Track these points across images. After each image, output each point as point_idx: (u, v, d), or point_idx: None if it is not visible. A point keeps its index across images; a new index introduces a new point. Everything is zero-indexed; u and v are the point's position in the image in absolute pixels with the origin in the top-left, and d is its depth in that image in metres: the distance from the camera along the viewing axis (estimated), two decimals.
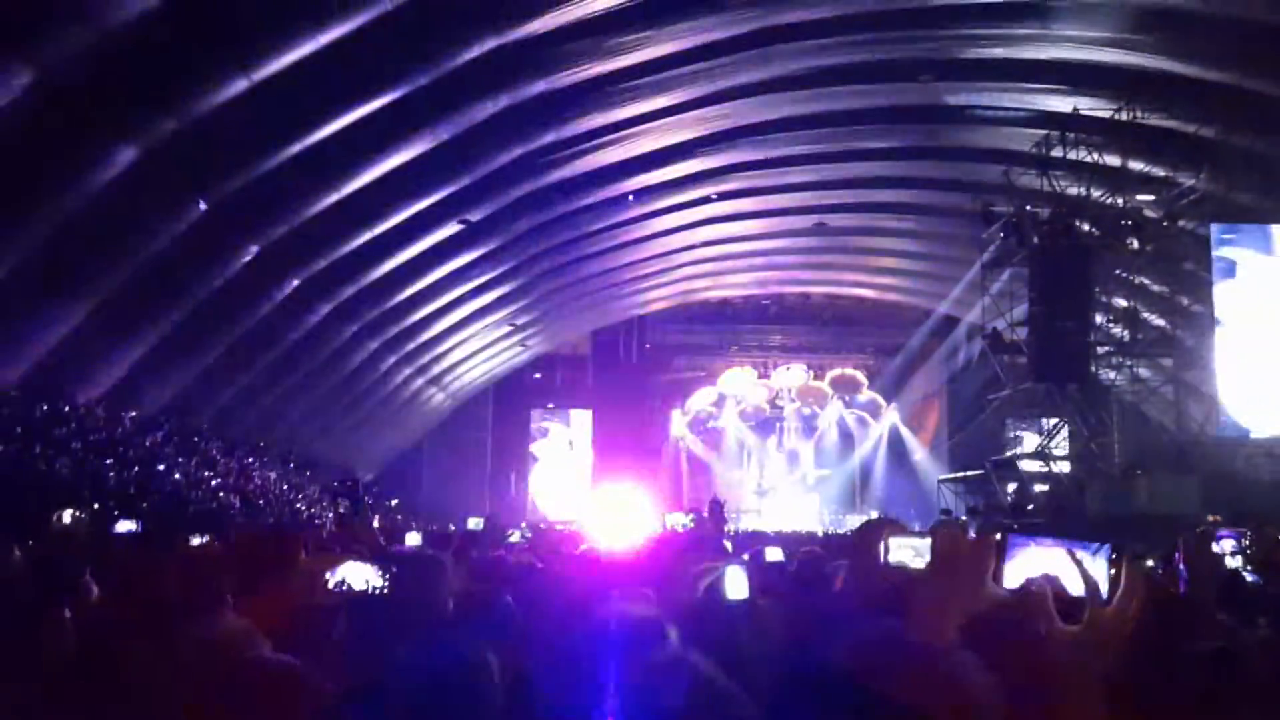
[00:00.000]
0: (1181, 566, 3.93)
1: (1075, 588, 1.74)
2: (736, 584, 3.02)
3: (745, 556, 4.61)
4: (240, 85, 12.29)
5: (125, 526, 6.83)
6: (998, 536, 1.95)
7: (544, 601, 3.05)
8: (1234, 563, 5.03)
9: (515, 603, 3.27)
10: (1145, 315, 18.59)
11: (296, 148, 13.91)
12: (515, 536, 12.25)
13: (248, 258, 15.69)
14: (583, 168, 18.34)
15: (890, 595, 2.62)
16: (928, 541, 2.65)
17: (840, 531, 23.02)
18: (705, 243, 24.59)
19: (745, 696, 1.85)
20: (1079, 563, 1.72)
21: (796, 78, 16.75)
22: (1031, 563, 1.83)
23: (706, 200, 21.51)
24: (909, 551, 2.62)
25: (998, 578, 1.87)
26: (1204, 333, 17.74)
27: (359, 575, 2.76)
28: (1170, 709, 2.17)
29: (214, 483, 17.60)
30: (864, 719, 1.59)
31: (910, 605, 1.96)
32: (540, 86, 15.29)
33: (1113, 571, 1.78)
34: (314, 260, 17.05)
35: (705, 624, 2.85)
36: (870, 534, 2.80)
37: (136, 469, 15.24)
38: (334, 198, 15.48)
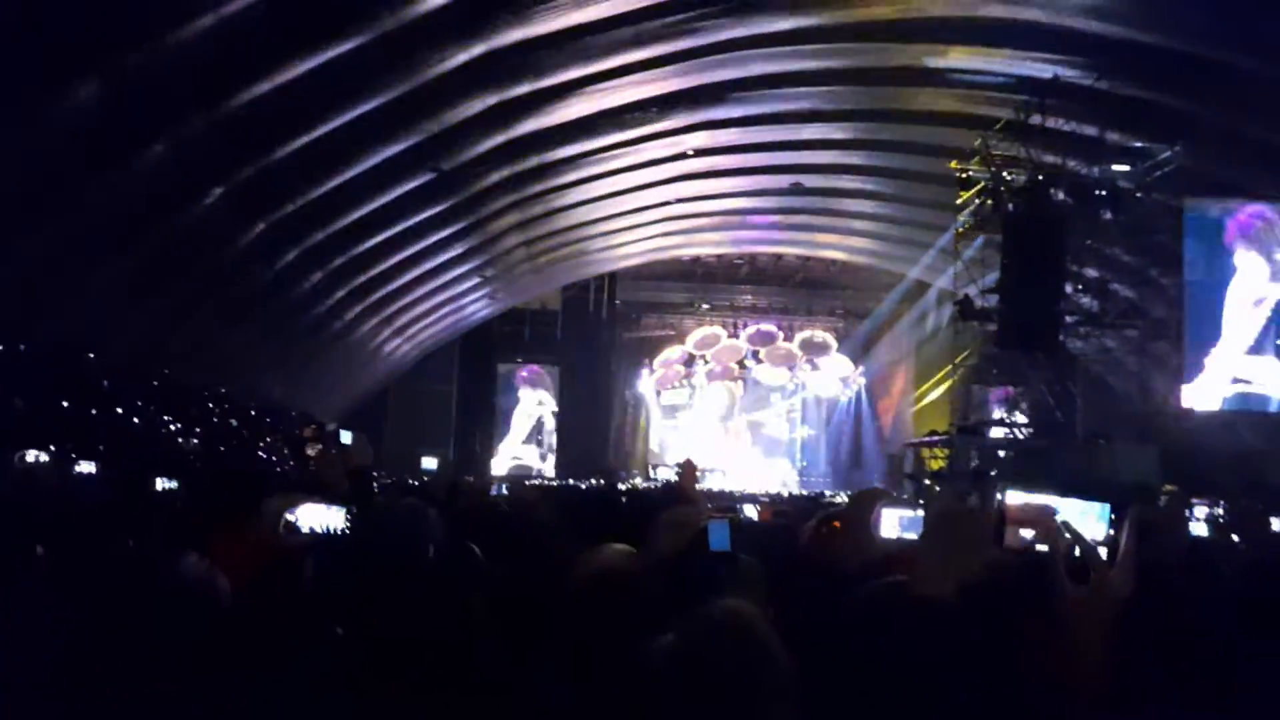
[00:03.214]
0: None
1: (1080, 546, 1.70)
2: (719, 537, 2.98)
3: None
4: (206, 20, 11.93)
5: (85, 468, 6.70)
6: (999, 498, 1.90)
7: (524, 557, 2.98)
8: (1200, 529, 5.08)
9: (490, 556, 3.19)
10: (1114, 286, 18.72)
11: (264, 87, 13.56)
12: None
13: (211, 200, 15.35)
14: (557, 119, 18.08)
15: (885, 564, 2.58)
16: (921, 514, 2.59)
17: (805, 494, 23.22)
18: (679, 199, 24.44)
19: None
20: (1075, 532, 1.69)
21: (775, 35, 16.56)
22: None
23: (682, 156, 21.34)
24: (904, 524, 2.56)
25: (999, 538, 1.83)
26: (1171, 305, 17.93)
27: (318, 517, 2.66)
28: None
29: (175, 426, 17.38)
30: (869, 672, 1.55)
31: (909, 569, 1.92)
32: (516, 35, 15.02)
33: (1111, 531, 1.74)
34: (280, 204, 16.73)
35: (687, 576, 2.80)
36: (864, 506, 2.75)
37: (95, 411, 15.00)
38: (302, 140, 15.15)
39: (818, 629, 1.68)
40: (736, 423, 34.71)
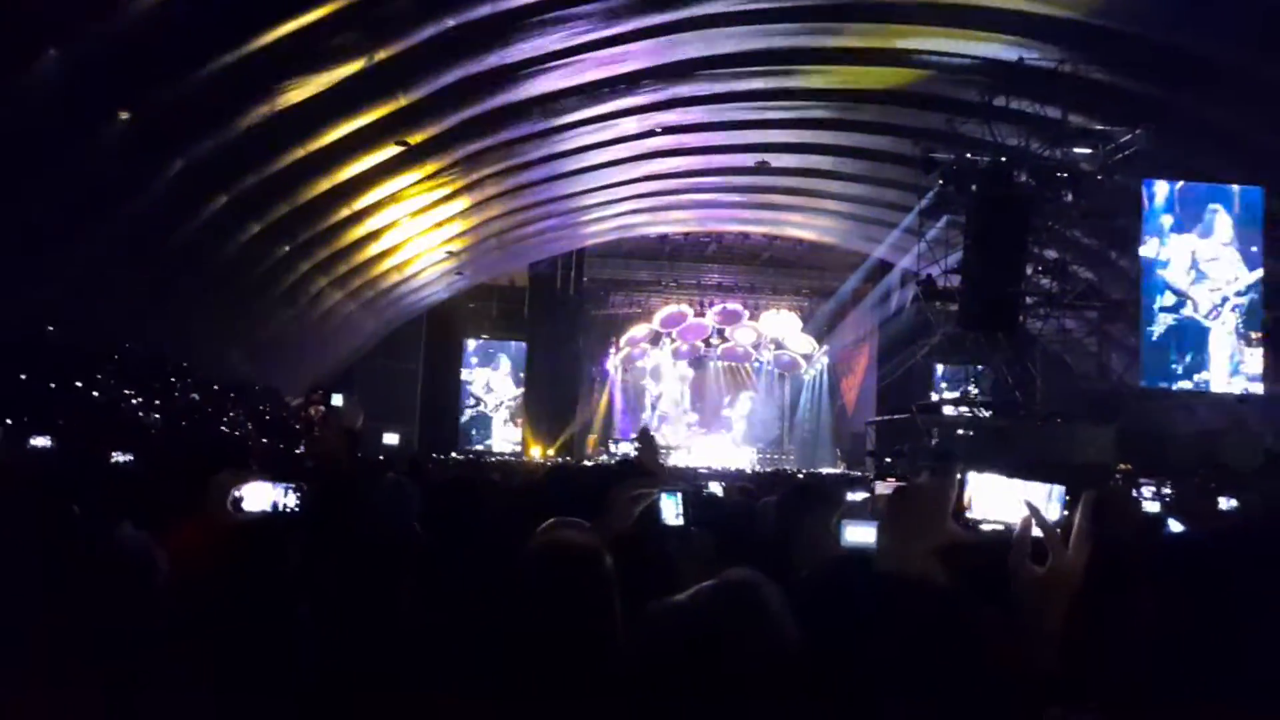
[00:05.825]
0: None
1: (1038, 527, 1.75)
2: (671, 511, 3.00)
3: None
4: None
5: (40, 442, 6.63)
6: (958, 476, 1.94)
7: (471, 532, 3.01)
8: (1153, 507, 5.20)
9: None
10: (1074, 267, 18.95)
11: (228, 58, 13.37)
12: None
13: (174, 172, 15.14)
14: (525, 95, 17.97)
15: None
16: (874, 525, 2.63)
17: (768, 471, 23.39)
18: (647, 177, 24.39)
19: None
20: (1035, 510, 1.73)
21: (743, 14, 16.54)
22: (989, 499, 1.83)
23: (650, 134, 21.27)
24: (867, 535, 2.57)
25: (959, 516, 1.87)
26: (1129, 287, 18.18)
27: (262, 496, 2.58)
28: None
29: (135, 401, 17.19)
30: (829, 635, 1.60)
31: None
32: (484, 9, 14.89)
33: (1065, 514, 1.79)
34: (244, 178, 16.52)
35: (638, 548, 2.84)
36: (823, 513, 2.77)
37: (54, 385, 14.82)
38: (267, 113, 14.97)
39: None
40: (701, 400, 34.84)
